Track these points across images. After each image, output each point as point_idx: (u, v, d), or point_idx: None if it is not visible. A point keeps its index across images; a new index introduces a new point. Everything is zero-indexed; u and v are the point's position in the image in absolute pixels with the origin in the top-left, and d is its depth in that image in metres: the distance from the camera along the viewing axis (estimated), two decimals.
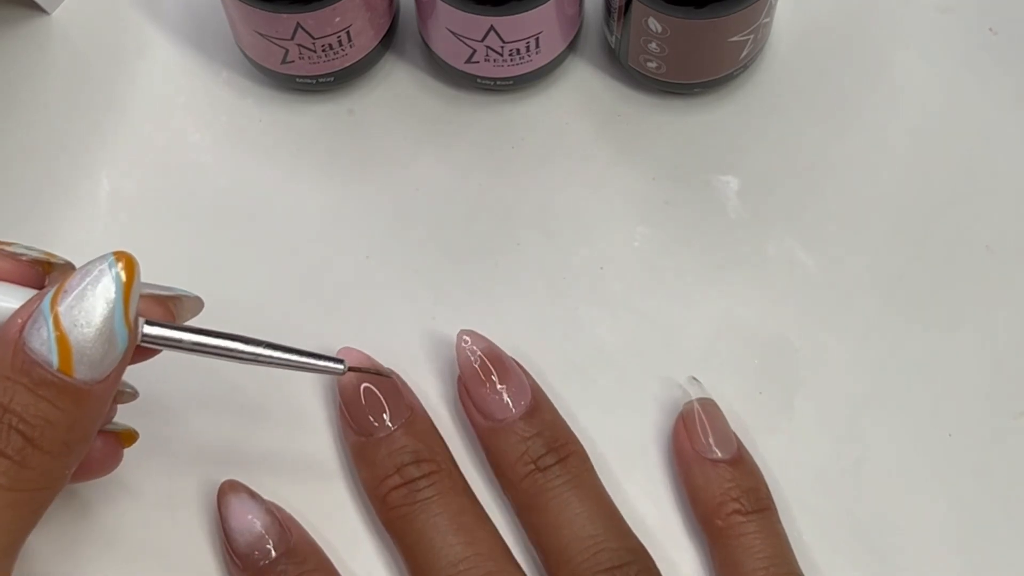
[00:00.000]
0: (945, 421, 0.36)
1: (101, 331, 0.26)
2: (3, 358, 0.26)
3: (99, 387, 0.27)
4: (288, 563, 0.32)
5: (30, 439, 0.26)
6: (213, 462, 0.35)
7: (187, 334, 0.29)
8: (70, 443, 0.26)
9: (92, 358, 0.26)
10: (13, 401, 0.26)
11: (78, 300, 0.26)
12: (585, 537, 0.32)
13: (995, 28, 0.41)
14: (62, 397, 0.26)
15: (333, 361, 0.30)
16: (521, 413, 0.33)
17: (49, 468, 0.26)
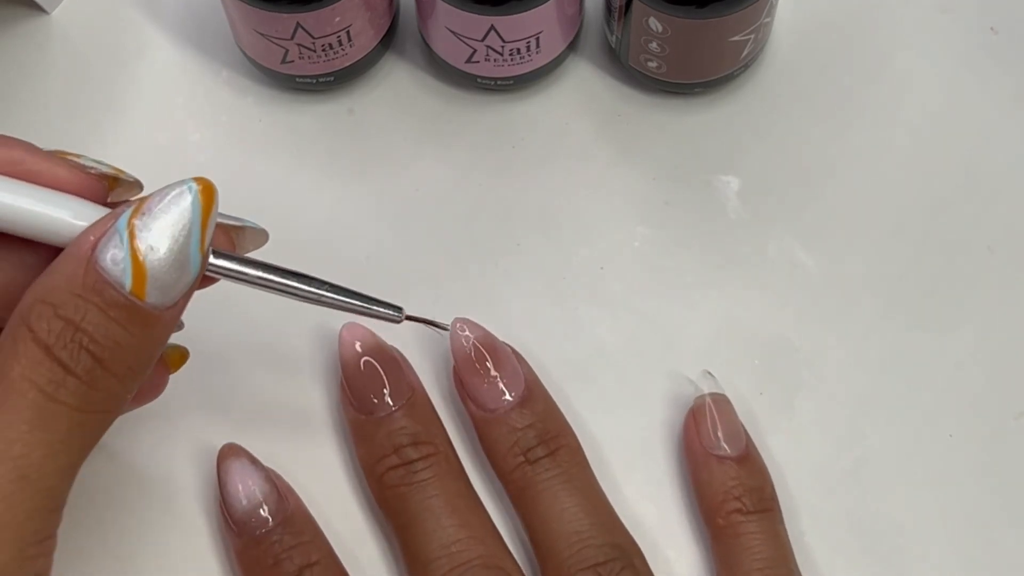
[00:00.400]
0: (945, 421, 0.36)
1: (176, 256, 0.26)
2: (74, 275, 0.25)
3: (168, 313, 0.26)
4: (284, 532, 0.32)
5: (99, 360, 0.25)
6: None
7: (252, 268, 0.28)
8: (135, 367, 0.26)
9: (165, 283, 0.25)
10: (84, 320, 0.25)
11: (156, 222, 0.25)
12: (571, 532, 0.32)
13: (996, 28, 0.41)
14: (133, 320, 0.25)
15: (392, 308, 0.31)
16: (514, 403, 0.33)
17: (115, 391, 0.26)
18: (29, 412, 0.24)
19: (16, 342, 0.25)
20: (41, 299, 0.25)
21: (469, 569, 0.31)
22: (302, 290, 0.29)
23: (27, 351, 0.24)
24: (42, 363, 0.24)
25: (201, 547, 0.34)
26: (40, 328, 0.25)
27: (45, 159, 0.27)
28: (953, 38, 0.41)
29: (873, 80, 0.40)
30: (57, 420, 0.24)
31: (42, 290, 0.25)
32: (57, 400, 0.24)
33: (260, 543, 0.32)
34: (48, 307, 0.25)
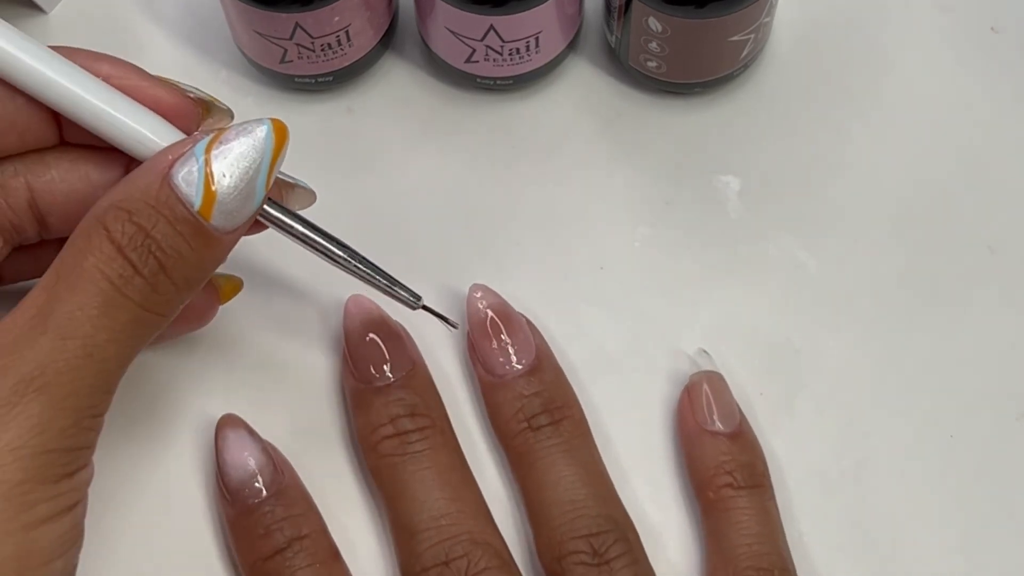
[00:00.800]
0: (946, 422, 0.36)
1: (244, 187, 0.28)
2: (150, 187, 0.27)
3: (226, 237, 0.28)
4: (276, 504, 0.32)
5: (163, 266, 0.27)
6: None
7: (299, 224, 0.31)
8: (191, 280, 0.28)
9: (229, 209, 0.28)
10: (155, 229, 0.27)
11: (231, 153, 0.28)
12: (566, 501, 0.32)
13: (996, 27, 0.41)
14: (196, 237, 0.28)
15: (411, 294, 0.33)
16: (523, 371, 0.34)
17: (171, 297, 0.28)
18: (99, 299, 0.27)
19: (91, 237, 0.27)
20: (117, 204, 0.27)
21: (457, 543, 0.31)
22: (337, 255, 0.32)
23: (101, 246, 0.27)
24: (115, 259, 0.27)
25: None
26: (115, 229, 0.27)
27: (147, 78, 0.30)
28: (953, 37, 0.41)
29: (873, 80, 0.40)
30: (122, 311, 0.27)
31: (119, 196, 0.27)
32: (124, 294, 0.27)
33: (252, 513, 0.32)
34: (124, 212, 0.27)
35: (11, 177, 0.30)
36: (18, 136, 0.30)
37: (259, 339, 0.37)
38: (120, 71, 0.30)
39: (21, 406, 0.25)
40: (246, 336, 0.37)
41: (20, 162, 0.30)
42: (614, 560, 0.31)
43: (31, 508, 0.25)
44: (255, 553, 0.32)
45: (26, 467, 0.25)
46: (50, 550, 0.26)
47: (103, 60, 0.30)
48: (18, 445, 0.25)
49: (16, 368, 0.26)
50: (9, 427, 0.25)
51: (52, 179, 0.31)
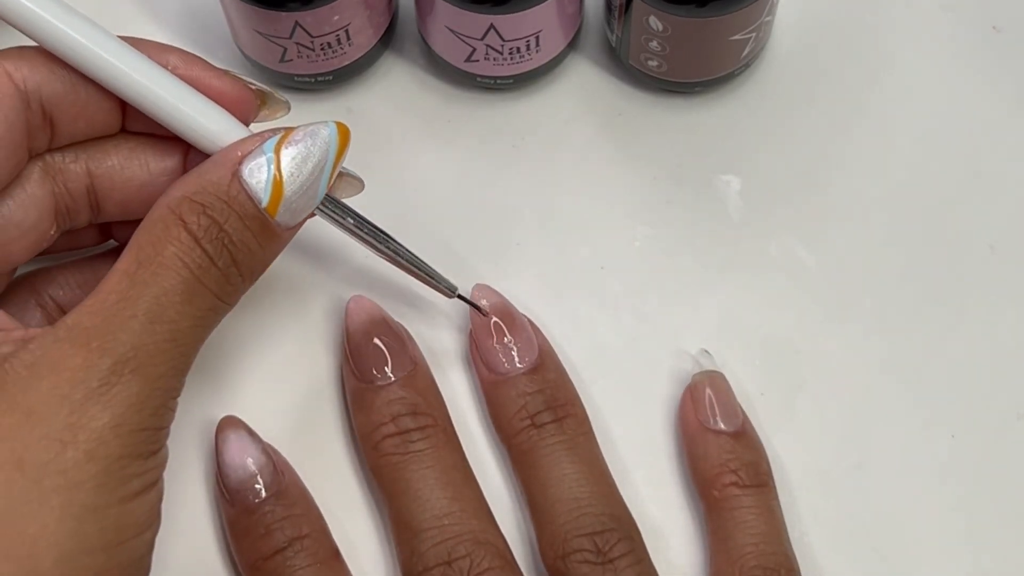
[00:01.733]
0: (948, 422, 0.36)
1: (309, 186, 0.30)
2: (221, 182, 0.29)
3: (287, 233, 0.30)
4: (276, 504, 0.32)
5: (235, 259, 0.29)
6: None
7: (351, 216, 0.32)
8: (255, 272, 0.30)
9: (294, 207, 0.29)
10: (227, 223, 0.28)
11: (300, 153, 0.29)
12: (570, 499, 0.32)
13: (998, 26, 0.41)
14: (262, 232, 0.29)
15: (447, 284, 0.34)
16: (525, 369, 0.34)
17: (238, 288, 0.29)
18: (182, 286, 0.28)
19: (169, 227, 0.28)
20: (190, 196, 0.28)
21: (460, 543, 0.31)
22: (382, 247, 0.33)
23: (180, 236, 0.28)
24: (194, 249, 0.28)
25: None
26: (191, 220, 0.28)
27: (211, 70, 0.31)
28: (955, 36, 0.41)
29: (875, 79, 0.40)
30: (202, 299, 0.28)
31: (191, 188, 0.29)
32: (203, 283, 0.28)
33: (252, 513, 0.32)
34: (198, 205, 0.28)
35: (72, 162, 0.31)
36: (86, 123, 0.31)
37: (259, 339, 0.37)
38: (185, 62, 0.31)
39: (120, 385, 0.26)
40: (246, 336, 0.36)
41: (82, 149, 0.31)
42: (618, 559, 0.31)
43: (128, 482, 0.27)
44: (255, 553, 0.32)
45: (125, 443, 0.26)
46: (141, 522, 0.27)
47: (170, 51, 0.31)
48: (119, 423, 0.26)
49: (112, 349, 0.27)
50: (109, 404, 0.26)
51: (112, 166, 0.31)
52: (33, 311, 0.33)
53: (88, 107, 0.30)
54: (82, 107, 0.30)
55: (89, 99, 0.30)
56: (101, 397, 0.26)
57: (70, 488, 0.25)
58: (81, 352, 0.26)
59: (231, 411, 0.34)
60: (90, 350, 0.26)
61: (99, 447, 0.26)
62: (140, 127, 0.31)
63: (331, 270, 0.37)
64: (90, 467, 0.26)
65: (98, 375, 0.26)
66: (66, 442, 0.26)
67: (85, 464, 0.26)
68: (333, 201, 0.32)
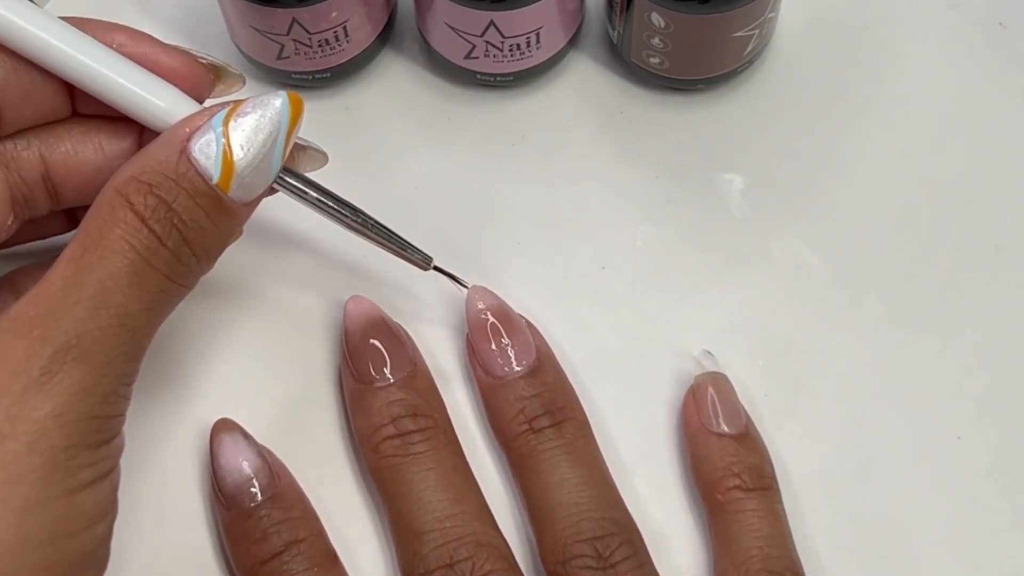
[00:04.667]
0: (953, 423, 0.35)
1: (261, 160, 0.29)
2: (168, 160, 0.28)
3: (243, 209, 0.29)
4: (272, 508, 0.32)
5: (186, 239, 0.28)
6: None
7: (312, 189, 0.32)
8: (210, 251, 0.29)
9: (246, 182, 0.29)
10: (176, 202, 0.28)
11: (249, 126, 0.29)
12: (570, 504, 0.32)
13: (1004, 22, 0.41)
14: (215, 209, 0.28)
15: (422, 256, 0.34)
16: (523, 372, 0.34)
17: (193, 268, 0.29)
18: (129, 269, 0.27)
19: (115, 209, 0.27)
20: (137, 177, 0.28)
21: (461, 545, 0.31)
22: (350, 219, 0.32)
23: (126, 218, 0.27)
24: (140, 230, 0.27)
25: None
26: (138, 201, 0.28)
27: (159, 46, 0.31)
28: (961, 33, 0.41)
29: (879, 76, 0.40)
30: (151, 281, 0.28)
31: (138, 168, 0.28)
32: (151, 264, 0.28)
33: (248, 517, 0.32)
34: (144, 185, 0.28)
35: (24, 150, 0.31)
36: (33, 109, 0.30)
37: (256, 340, 0.36)
38: (133, 40, 0.30)
39: (62, 373, 0.26)
40: (242, 337, 0.36)
41: (33, 135, 0.31)
42: (619, 564, 0.31)
43: (75, 473, 0.26)
44: (252, 557, 0.32)
45: (70, 433, 0.26)
46: (92, 514, 0.27)
47: (116, 30, 0.30)
48: (61, 412, 0.26)
49: (54, 337, 0.26)
50: (51, 394, 0.26)
51: (66, 151, 0.31)
52: None
53: (34, 92, 0.30)
54: (27, 92, 0.30)
55: (34, 84, 0.30)
56: (43, 387, 0.26)
57: (10, 482, 0.25)
58: (23, 342, 0.26)
59: (226, 413, 0.34)
60: (31, 339, 0.26)
61: (40, 439, 0.25)
62: (91, 109, 0.31)
63: (329, 269, 0.37)
64: (32, 459, 0.25)
65: (39, 364, 0.26)
66: (5, 435, 0.25)
67: (26, 457, 0.25)
68: (293, 174, 0.31)
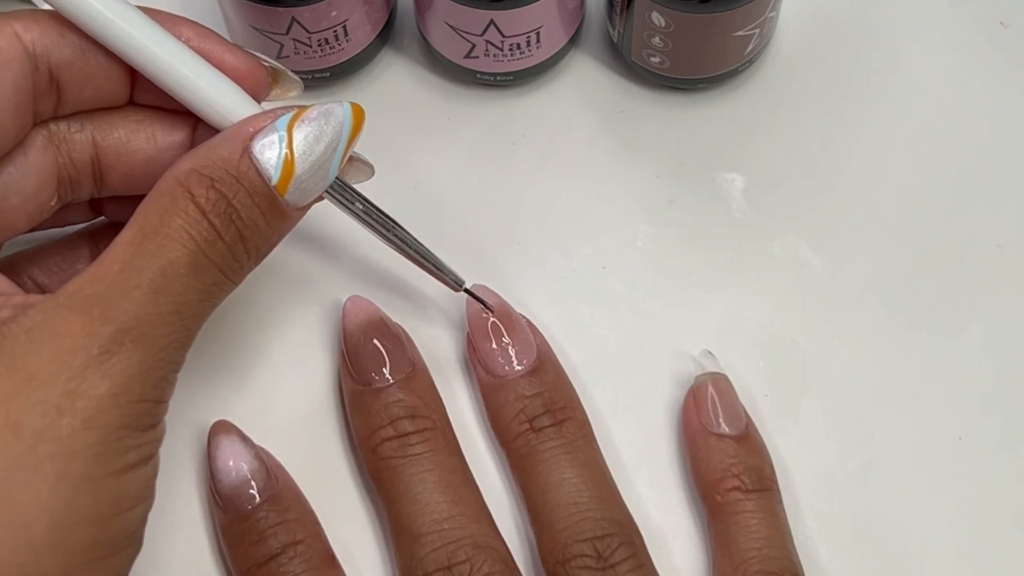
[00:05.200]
0: (954, 423, 0.35)
1: (320, 166, 0.29)
2: (231, 157, 0.28)
3: (296, 213, 0.30)
4: (270, 510, 0.32)
5: (242, 236, 0.28)
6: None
7: (359, 201, 0.32)
8: (261, 250, 0.29)
9: (304, 187, 0.29)
10: (235, 198, 0.28)
11: (313, 132, 0.29)
12: (570, 504, 0.32)
13: (1006, 21, 0.41)
14: (271, 210, 0.29)
15: (455, 278, 0.34)
16: (524, 371, 0.34)
17: (244, 265, 0.29)
18: (188, 259, 0.27)
19: (176, 199, 0.28)
20: (199, 170, 0.28)
21: (460, 547, 0.31)
22: (389, 235, 0.33)
23: (187, 209, 0.27)
24: (200, 222, 0.27)
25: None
26: (199, 193, 0.28)
27: (224, 44, 0.31)
28: (962, 32, 0.41)
29: (881, 75, 0.40)
30: (206, 273, 0.28)
31: (201, 162, 0.28)
32: (208, 257, 0.28)
33: (246, 519, 0.32)
34: (207, 178, 0.28)
35: (77, 132, 0.31)
36: (93, 92, 0.30)
37: (254, 340, 0.36)
38: (199, 35, 0.30)
39: (121, 354, 0.26)
40: (240, 337, 0.36)
41: (88, 119, 0.31)
42: (619, 564, 0.31)
43: (124, 454, 0.26)
44: (249, 559, 0.32)
45: (124, 414, 0.26)
46: (136, 495, 0.27)
47: (183, 23, 0.30)
48: (119, 392, 0.26)
49: (114, 318, 0.26)
50: (109, 373, 0.26)
51: (118, 138, 0.31)
52: None
53: (97, 75, 0.30)
54: (91, 74, 0.30)
55: (98, 67, 0.30)
56: (101, 365, 0.26)
57: (66, 456, 0.25)
58: (82, 319, 0.26)
59: (224, 415, 0.34)
60: (91, 317, 0.26)
61: (97, 416, 0.25)
62: (149, 99, 0.31)
63: (328, 269, 0.37)
64: (87, 436, 0.25)
65: (98, 342, 0.26)
66: (63, 409, 0.25)
67: (82, 432, 0.25)
68: (343, 185, 0.32)
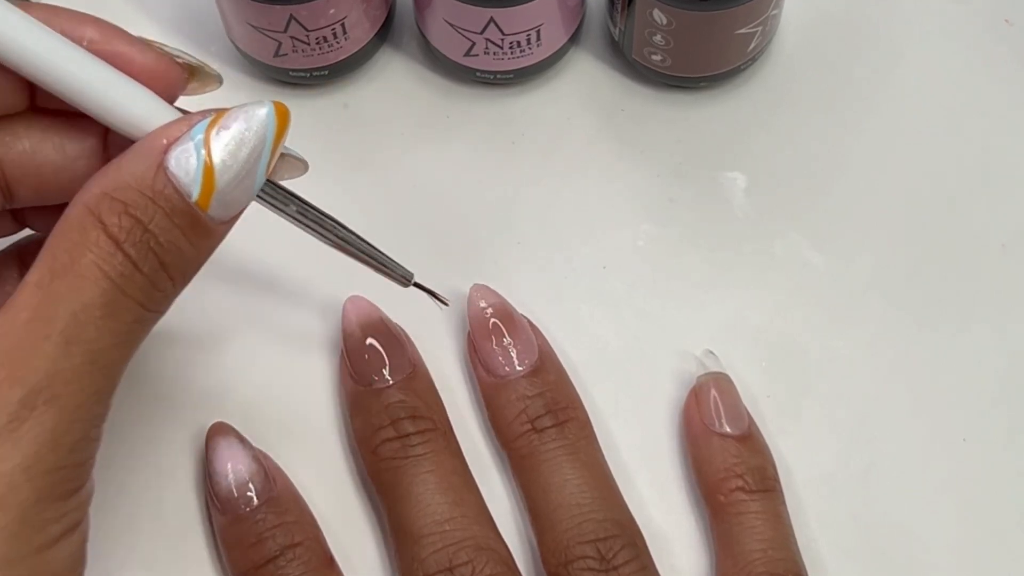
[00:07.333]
0: (958, 424, 0.35)
1: (245, 175, 0.26)
2: (144, 176, 0.26)
3: (222, 228, 0.27)
4: (268, 512, 0.32)
5: (162, 263, 0.26)
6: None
7: (293, 203, 0.29)
8: (186, 274, 0.27)
9: (228, 199, 0.26)
10: (152, 223, 0.25)
11: (234, 138, 0.26)
12: (572, 505, 0.32)
13: (1011, 19, 0.41)
14: (193, 229, 0.26)
15: (403, 272, 0.32)
16: (525, 371, 0.34)
17: (168, 294, 0.27)
18: (102, 299, 0.25)
19: (86, 231, 0.25)
20: (110, 194, 0.25)
21: (461, 549, 0.31)
22: (328, 234, 0.31)
23: (99, 241, 0.25)
24: (114, 256, 0.25)
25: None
26: (111, 222, 0.25)
27: (133, 43, 0.28)
28: (966, 30, 0.41)
29: (884, 73, 0.40)
30: (125, 312, 0.25)
31: (111, 184, 0.26)
32: (126, 293, 0.25)
33: (244, 521, 0.32)
34: (119, 204, 0.25)
35: None
36: None
37: (252, 340, 0.36)
38: (104, 35, 0.28)
39: (32, 420, 0.24)
40: (238, 337, 0.36)
41: None
42: (622, 566, 0.31)
43: (44, 529, 0.24)
44: (247, 562, 0.32)
45: (39, 486, 0.24)
46: (65, 567, 0.25)
47: (87, 23, 0.28)
48: (31, 464, 0.24)
49: (24, 379, 0.24)
50: (20, 444, 0.24)
51: (24, 150, 0.28)
52: None
53: None
54: None
55: None
56: (12, 435, 0.24)
57: None
58: None
59: (222, 416, 0.34)
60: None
61: (9, 494, 0.23)
62: (52, 103, 0.28)
63: (327, 267, 0.37)
64: (0, 517, 0.24)
65: (8, 410, 0.24)
66: None
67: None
68: (273, 187, 0.29)
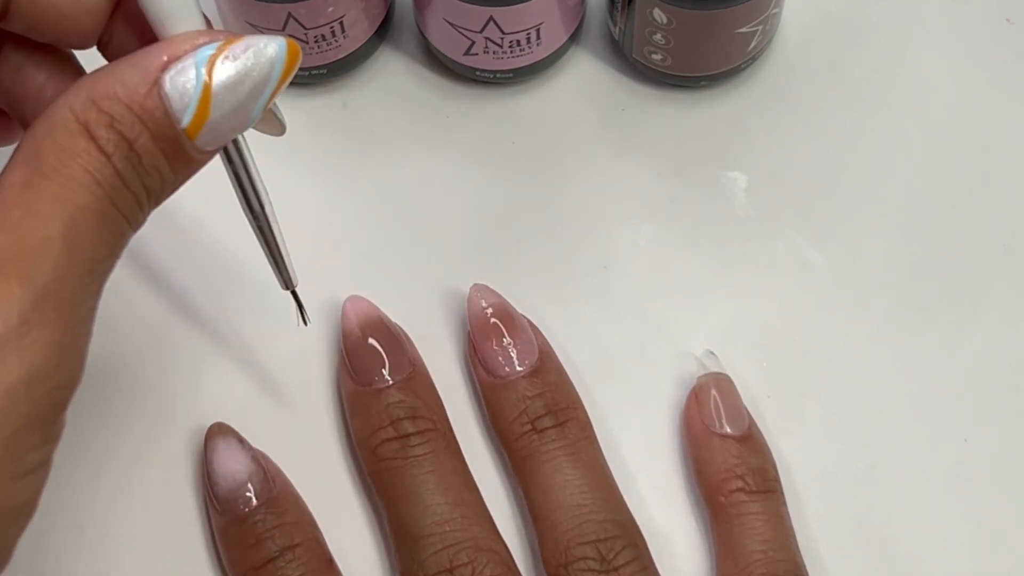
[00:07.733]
0: (959, 425, 0.35)
1: (243, 108, 0.24)
2: (136, 91, 0.24)
3: (203, 157, 0.25)
4: (267, 513, 0.32)
5: (144, 185, 0.24)
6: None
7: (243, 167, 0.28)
8: (160, 201, 0.25)
9: (218, 132, 0.24)
10: (138, 142, 0.24)
11: (238, 71, 0.24)
12: (573, 506, 0.32)
13: (1012, 19, 0.41)
14: (175, 157, 0.24)
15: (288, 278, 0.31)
16: (525, 371, 0.34)
17: (145, 215, 0.25)
18: (97, 207, 0.23)
19: (74, 137, 0.23)
20: (97, 102, 0.23)
21: (461, 550, 0.31)
22: (246, 209, 0.29)
23: (89, 150, 0.23)
24: (105, 167, 0.23)
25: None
26: (99, 135, 0.23)
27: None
28: (967, 29, 0.41)
29: (885, 73, 0.40)
30: (114, 224, 0.24)
31: (100, 92, 0.24)
32: (117, 206, 0.24)
33: (243, 522, 0.32)
34: (105, 116, 0.23)
35: None
36: None
37: (251, 340, 0.36)
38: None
39: (41, 328, 0.22)
40: (237, 337, 0.36)
41: None
42: (623, 567, 0.31)
43: (22, 457, 0.22)
44: (246, 563, 0.32)
45: (36, 405, 0.22)
46: (21, 508, 0.23)
47: None
48: (35, 378, 0.22)
49: (32, 278, 0.22)
50: (25, 354, 0.22)
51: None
52: None
53: None
54: None
55: None
56: (20, 340, 0.21)
57: None
58: None
59: (222, 416, 0.34)
60: (5, 275, 0.22)
61: (10, 409, 0.21)
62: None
63: (327, 268, 0.37)
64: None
65: (18, 308, 0.21)
66: None
67: None
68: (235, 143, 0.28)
